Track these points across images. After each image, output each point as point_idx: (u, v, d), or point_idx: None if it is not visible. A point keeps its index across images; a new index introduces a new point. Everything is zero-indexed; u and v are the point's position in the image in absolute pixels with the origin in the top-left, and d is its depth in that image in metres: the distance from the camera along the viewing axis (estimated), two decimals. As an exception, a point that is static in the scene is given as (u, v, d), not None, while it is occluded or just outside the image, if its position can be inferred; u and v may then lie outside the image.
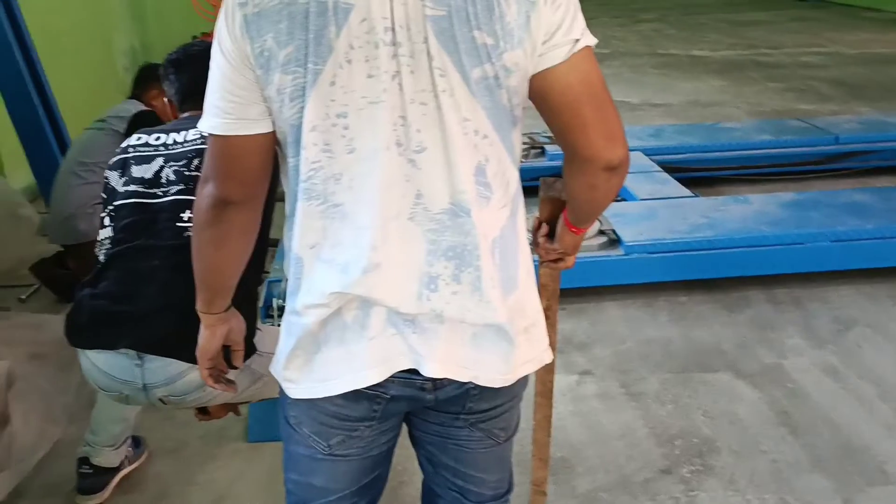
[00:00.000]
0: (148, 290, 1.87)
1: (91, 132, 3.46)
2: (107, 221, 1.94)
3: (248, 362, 1.88)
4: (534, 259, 1.38)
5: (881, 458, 2.41)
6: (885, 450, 2.44)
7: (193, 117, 1.98)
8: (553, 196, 1.44)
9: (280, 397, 1.37)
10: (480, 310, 1.22)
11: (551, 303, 1.58)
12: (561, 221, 1.45)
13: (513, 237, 1.26)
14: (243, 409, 2.37)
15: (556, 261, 1.53)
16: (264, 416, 2.43)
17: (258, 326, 2.00)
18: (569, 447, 2.51)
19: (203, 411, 2.07)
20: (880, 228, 3.46)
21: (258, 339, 1.94)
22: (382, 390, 1.26)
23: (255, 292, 1.96)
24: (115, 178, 1.96)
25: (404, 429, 1.43)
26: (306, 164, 1.17)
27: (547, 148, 4.71)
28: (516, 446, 1.69)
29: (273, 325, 2.40)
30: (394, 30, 1.11)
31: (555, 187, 1.44)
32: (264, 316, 2.59)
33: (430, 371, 1.23)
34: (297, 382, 1.28)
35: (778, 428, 2.57)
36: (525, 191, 1.29)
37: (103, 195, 1.99)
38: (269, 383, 1.91)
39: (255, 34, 1.13)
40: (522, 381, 1.36)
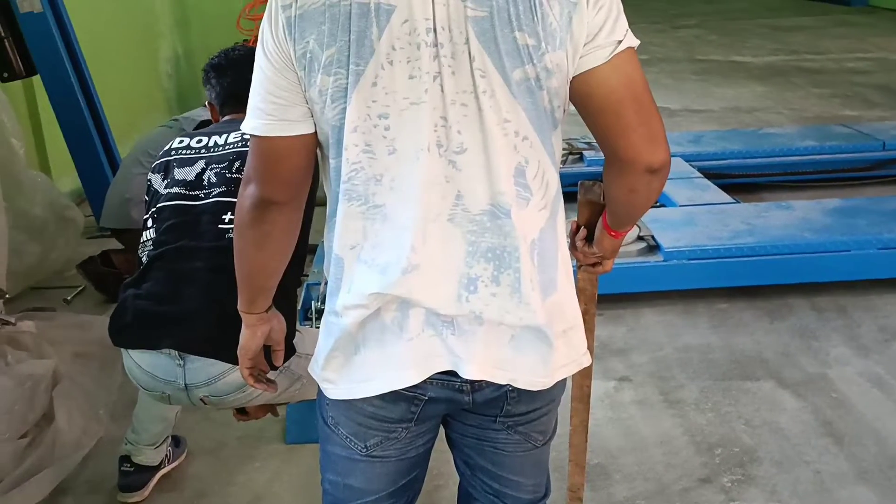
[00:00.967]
0: (190, 291, 1.90)
1: (163, 129, 3.66)
2: (149, 223, 1.98)
3: (288, 364, 1.90)
4: (572, 263, 1.38)
5: (929, 471, 2.35)
6: (934, 463, 2.38)
7: (234, 120, 2.02)
8: (592, 199, 1.43)
9: (318, 398, 1.38)
10: (519, 312, 1.22)
11: (589, 307, 1.57)
12: (600, 225, 1.45)
13: (552, 239, 1.25)
14: (281, 411, 2.39)
15: (595, 265, 1.52)
16: (302, 418, 2.45)
17: (297, 328, 2.01)
18: (606, 454, 2.48)
19: (242, 412, 2.09)
20: (930, 236, 3.38)
21: (297, 341, 1.95)
22: (420, 392, 1.26)
23: (294, 294, 1.97)
24: (157, 181, 2.00)
25: (442, 431, 1.43)
26: (347, 165, 1.18)
27: (585, 154, 4.68)
28: (553, 452, 1.68)
29: (312, 328, 2.42)
30: (435, 31, 1.12)
31: (593, 191, 1.43)
32: (303, 318, 2.61)
33: (468, 373, 1.23)
34: (336, 383, 1.29)
35: (822, 438, 2.52)
36: (565, 197, 1.28)
37: (146, 198, 2.03)
38: (307, 385, 1.93)
39: (298, 36, 1.14)
40: (561, 385, 1.35)
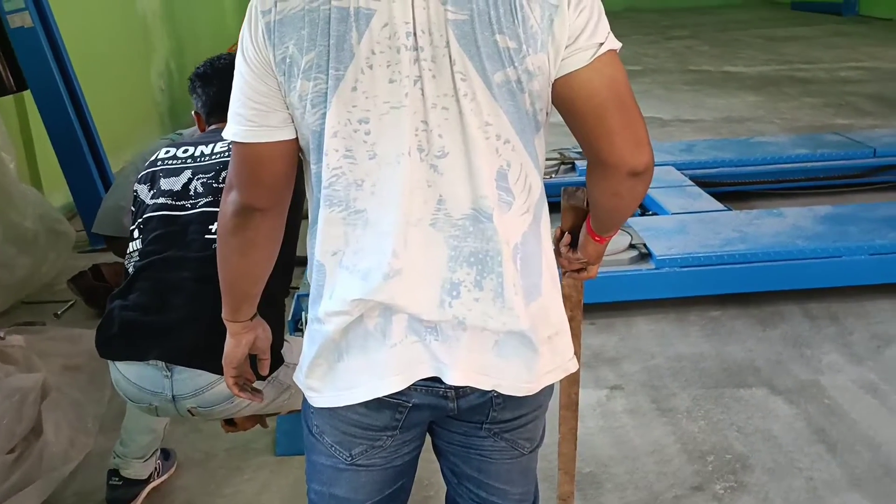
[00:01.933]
0: (177, 301, 1.89)
1: (166, 140, 3.61)
2: (136, 234, 1.97)
3: (276, 374, 1.89)
4: (558, 269, 1.37)
5: (922, 477, 2.34)
6: (927, 469, 2.37)
7: (220, 130, 2.00)
8: (575, 205, 1.43)
9: (303, 407, 1.37)
10: (503, 317, 1.21)
11: (575, 313, 1.56)
12: (584, 230, 1.44)
13: (535, 244, 1.25)
14: (271, 422, 2.37)
15: (579, 271, 1.52)
16: (292, 429, 2.43)
17: (286, 338, 2.00)
18: (597, 463, 2.47)
19: (230, 423, 2.08)
20: (920, 242, 3.39)
21: (285, 351, 1.94)
22: (404, 398, 1.25)
23: (283, 303, 1.97)
24: (144, 192, 1.99)
25: (429, 440, 1.42)
26: (328, 171, 1.18)
27: (577, 163, 4.69)
28: (543, 461, 1.67)
29: (301, 338, 2.41)
30: (415, 34, 1.11)
31: (577, 196, 1.43)
32: (293, 329, 2.60)
33: (452, 379, 1.22)
34: (320, 391, 1.28)
35: (814, 445, 2.51)
36: (552, 206, 1.28)
37: (132, 208, 2.02)
38: (296, 395, 1.91)
39: (278, 41, 1.14)
40: (547, 391, 1.34)
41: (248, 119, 1.19)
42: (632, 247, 3.44)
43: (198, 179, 1.96)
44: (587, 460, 2.48)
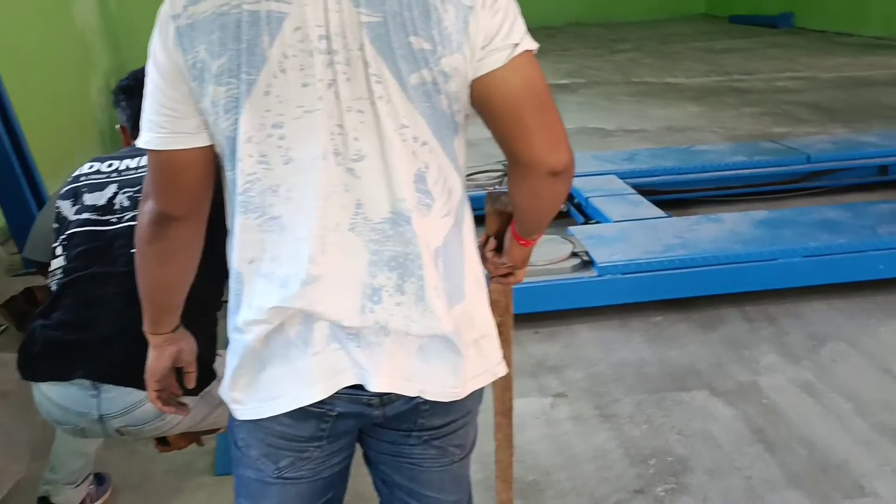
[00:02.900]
0: (103, 317, 1.84)
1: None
2: (59, 251, 1.92)
3: (208, 388, 1.85)
4: (485, 274, 1.37)
5: (858, 472, 2.38)
6: (862, 465, 2.41)
7: (147, 143, 1.97)
8: (500, 209, 1.43)
9: (229, 420, 1.34)
10: (425, 320, 1.20)
11: (504, 318, 1.55)
12: (508, 234, 1.44)
13: (457, 246, 1.24)
14: (208, 441, 2.32)
15: (507, 275, 1.51)
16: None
17: (218, 352, 1.96)
18: (540, 471, 2.47)
19: (163, 442, 2.03)
20: (851, 243, 3.48)
21: (218, 365, 1.90)
22: (329, 407, 1.23)
23: (215, 315, 1.92)
24: (66, 208, 1.94)
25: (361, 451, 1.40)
26: (243, 177, 1.16)
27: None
28: (483, 471, 1.66)
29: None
30: (329, 38, 1.11)
31: (501, 200, 1.43)
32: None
33: (376, 386, 1.21)
34: (243, 403, 1.26)
35: (753, 445, 2.54)
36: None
37: (55, 225, 1.96)
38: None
39: (188, 46, 1.12)
40: (476, 396, 1.33)
41: (160, 126, 1.17)
42: (574, 255, 3.47)
43: (123, 193, 1.91)
44: (530, 468, 2.48)
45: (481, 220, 1.44)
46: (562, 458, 2.53)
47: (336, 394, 1.22)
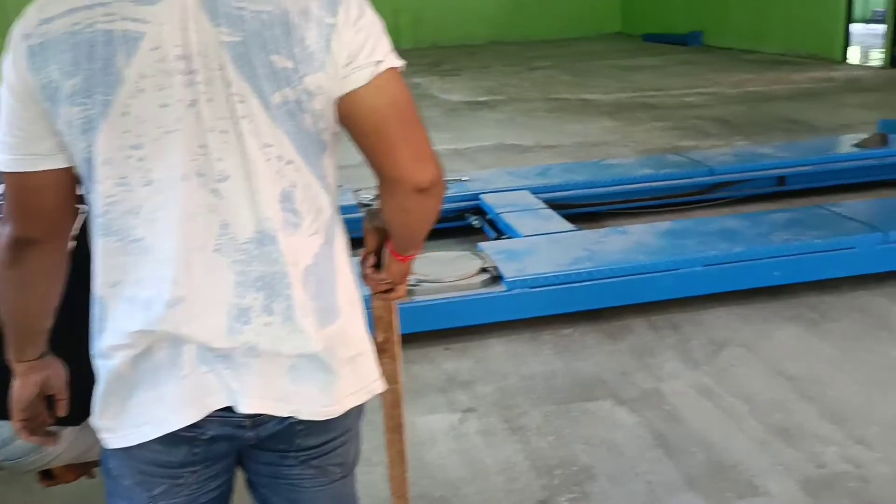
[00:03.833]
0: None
1: None
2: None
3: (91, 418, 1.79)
4: (363, 289, 1.37)
5: (751, 472, 2.46)
6: (755, 464, 2.50)
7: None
8: (377, 225, 1.43)
9: (102, 449, 1.31)
10: (294, 340, 1.20)
11: (389, 335, 1.56)
12: (386, 250, 1.45)
13: (329, 265, 1.24)
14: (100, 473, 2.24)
15: (388, 291, 1.52)
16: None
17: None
18: (448, 486, 2.47)
19: (48, 475, 1.95)
20: (748, 251, 3.61)
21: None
22: (199, 431, 1.21)
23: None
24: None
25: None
26: (102, 199, 1.14)
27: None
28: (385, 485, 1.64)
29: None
30: (188, 58, 1.10)
31: (379, 217, 1.43)
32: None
33: (247, 407, 1.20)
34: (113, 430, 1.23)
35: (654, 450, 2.60)
36: None
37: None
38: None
39: (40, 65, 1.10)
40: (355, 414, 1.33)
41: (12, 147, 1.14)
42: (483, 270, 3.50)
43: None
44: (439, 484, 2.48)
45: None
46: (470, 473, 2.54)
47: (207, 417, 1.20)
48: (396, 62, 1.20)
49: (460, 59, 13.72)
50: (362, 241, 1.49)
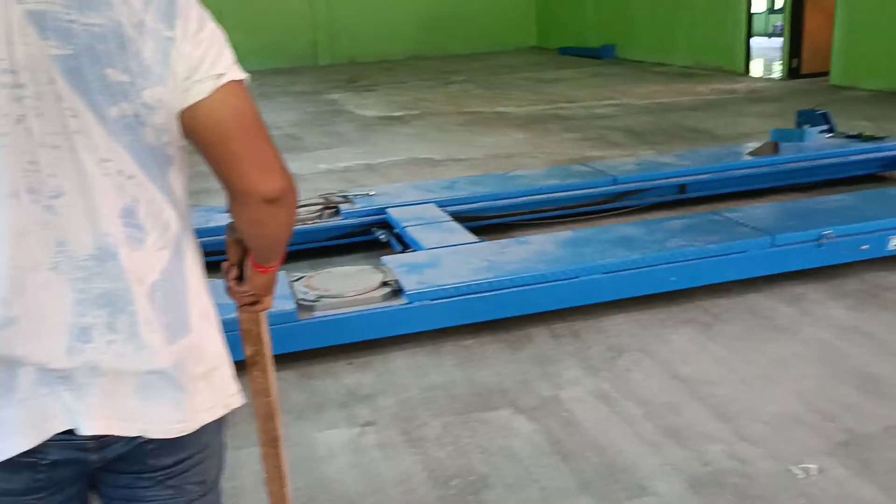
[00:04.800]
0: None
1: None
2: None
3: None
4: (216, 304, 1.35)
5: (641, 473, 2.51)
6: (646, 465, 2.55)
7: None
8: (238, 238, 1.41)
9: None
10: (140, 356, 1.17)
11: (258, 347, 1.53)
12: (248, 263, 1.43)
13: (179, 279, 1.22)
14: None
15: (254, 304, 1.50)
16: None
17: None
18: (345, 500, 2.45)
19: None
20: (646, 258, 3.70)
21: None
22: (40, 456, 1.17)
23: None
24: None
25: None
26: (-76, 218, 1.09)
27: (342, 207, 4.72)
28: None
29: None
30: (15, 71, 1.07)
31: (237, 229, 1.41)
32: None
33: (90, 429, 1.16)
34: (-51, 458, 1.17)
35: (550, 457, 2.63)
36: (321, 250, 1.25)
37: None
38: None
39: None
40: (213, 430, 1.30)
41: None
42: (384, 284, 3.49)
43: None
44: (336, 499, 2.46)
45: (302, 255, 1.41)
46: (367, 486, 2.52)
47: (49, 440, 1.16)
48: (239, 74, 1.19)
49: (377, 75, 13.71)
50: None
